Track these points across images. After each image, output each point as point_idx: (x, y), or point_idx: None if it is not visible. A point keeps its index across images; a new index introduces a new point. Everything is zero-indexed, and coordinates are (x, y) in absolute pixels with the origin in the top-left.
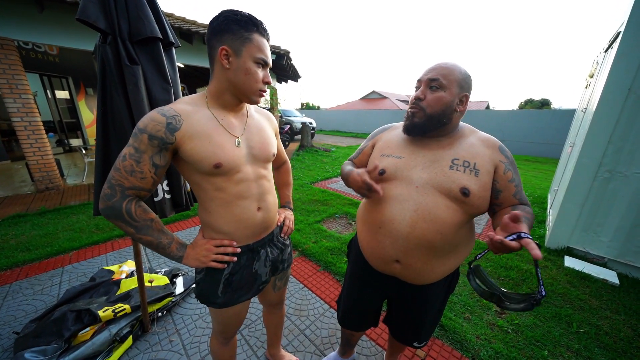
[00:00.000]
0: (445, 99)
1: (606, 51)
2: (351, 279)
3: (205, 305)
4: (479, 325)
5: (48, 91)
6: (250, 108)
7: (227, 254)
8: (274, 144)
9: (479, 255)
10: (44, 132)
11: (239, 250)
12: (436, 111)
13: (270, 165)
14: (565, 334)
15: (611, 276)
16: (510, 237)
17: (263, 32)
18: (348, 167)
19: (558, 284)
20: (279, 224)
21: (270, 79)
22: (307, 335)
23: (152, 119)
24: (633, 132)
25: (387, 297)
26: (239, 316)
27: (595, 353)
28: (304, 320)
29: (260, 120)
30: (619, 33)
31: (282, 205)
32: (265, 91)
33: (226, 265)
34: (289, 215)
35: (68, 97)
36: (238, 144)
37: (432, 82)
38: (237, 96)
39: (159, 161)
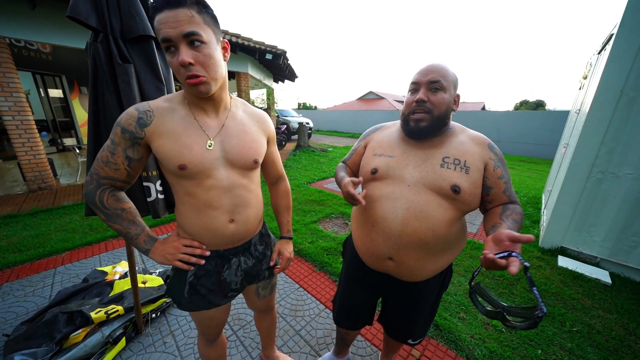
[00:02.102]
0: (447, 99)
1: (599, 53)
2: (346, 277)
3: None
4: (474, 325)
5: (41, 90)
6: (238, 107)
7: (195, 256)
8: (259, 149)
9: (475, 273)
10: (36, 131)
11: (208, 253)
12: (441, 112)
13: (254, 175)
14: (559, 333)
15: (603, 275)
16: (500, 255)
17: (160, 6)
18: (341, 173)
19: (552, 284)
20: (272, 262)
21: (186, 59)
22: (302, 336)
23: (127, 113)
24: (625, 134)
25: (381, 295)
26: (214, 320)
27: (587, 352)
28: (299, 320)
29: (245, 121)
30: (611, 35)
31: (282, 236)
32: (193, 76)
33: (192, 267)
34: (287, 251)
35: (62, 95)
36: (210, 146)
37: (434, 83)
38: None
39: (132, 154)
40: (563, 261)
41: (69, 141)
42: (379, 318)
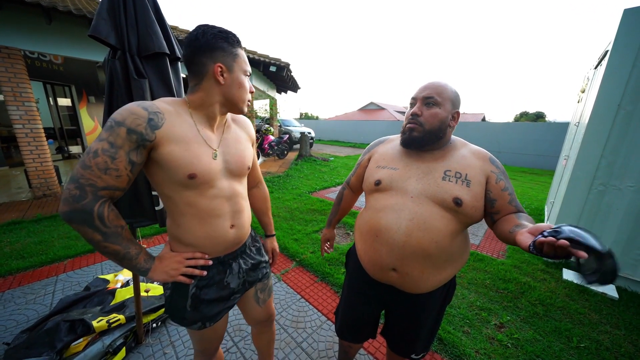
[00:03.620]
0: (440, 114)
1: (596, 68)
2: (349, 289)
3: None
4: (478, 340)
5: (50, 98)
6: (228, 118)
7: (197, 267)
8: (249, 156)
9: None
10: (44, 139)
11: (210, 262)
12: (434, 126)
13: (245, 181)
14: (566, 349)
15: (610, 290)
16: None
17: (242, 46)
18: (334, 207)
19: (557, 297)
20: (270, 260)
21: (253, 88)
22: (303, 349)
23: (132, 112)
24: (624, 147)
25: (384, 307)
26: (217, 332)
27: None
28: (300, 332)
29: (236, 131)
30: (607, 51)
31: (268, 234)
32: (250, 100)
33: (193, 280)
34: (276, 247)
35: (70, 104)
36: (215, 156)
37: (428, 99)
38: (228, 108)
39: (135, 158)
40: (568, 274)
41: (75, 149)
42: (382, 331)
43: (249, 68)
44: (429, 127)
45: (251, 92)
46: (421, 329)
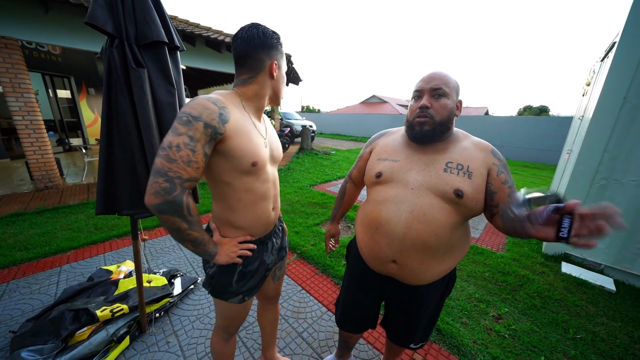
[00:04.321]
0: (449, 105)
1: (602, 60)
2: (349, 280)
3: (202, 307)
4: (476, 330)
5: (50, 90)
6: None
7: (247, 249)
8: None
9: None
10: (44, 131)
11: (254, 246)
12: (444, 118)
13: None
14: (562, 340)
15: (608, 283)
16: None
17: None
18: (337, 202)
19: (555, 290)
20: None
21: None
22: (304, 338)
23: (205, 107)
24: (628, 141)
25: (384, 299)
26: (245, 309)
27: (591, 359)
28: (301, 322)
29: (267, 121)
30: (614, 43)
31: None
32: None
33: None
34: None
35: (69, 96)
36: (266, 145)
37: (436, 90)
38: (272, 100)
39: (208, 150)
40: (567, 268)
41: (75, 141)
42: (381, 322)
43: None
44: (439, 119)
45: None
46: (420, 320)
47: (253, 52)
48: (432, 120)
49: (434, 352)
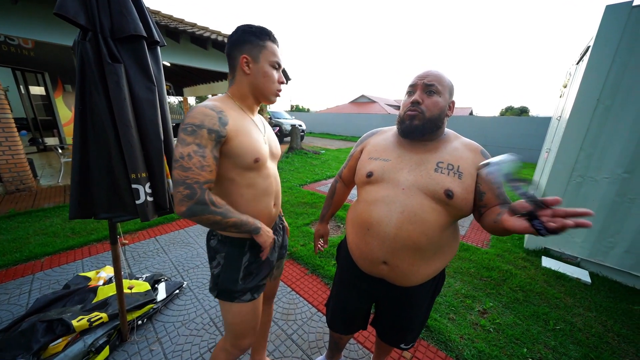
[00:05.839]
0: (440, 103)
1: (577, 63)
2: (340, 282)
3: (187, 312)
4: (463, 326)
5: (21, 86)
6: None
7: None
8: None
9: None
10: (15, 129)
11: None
12: (434, 115)
13: None
14: (543, 332)
15: (584, 275)
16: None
17: (274, 39)
18: (327, 201)
19: (536, 284)
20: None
21: (284, 79)
22: (294, 340)
23: (205, 114)
24: (601, 140)
25: (375, 300)
26: (256, 311)
27: (569, 349)
28: (291, 324)
29: (262, 119)
30: (588, 47)
31: None
32: (281, 91)
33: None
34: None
35: (44, 93)
36: (265, 141)
37: (429, 87)
38: (258, 98)
39: (216, 153)
40: (547, 262)
41: (51, 141)
42: (372, 321)
43: (276, 59)
44: (429, 115)
45: (281, 82)
46: (411, 321)
47: (229, 51)
48: (422, 115)
49: (422, 348)
